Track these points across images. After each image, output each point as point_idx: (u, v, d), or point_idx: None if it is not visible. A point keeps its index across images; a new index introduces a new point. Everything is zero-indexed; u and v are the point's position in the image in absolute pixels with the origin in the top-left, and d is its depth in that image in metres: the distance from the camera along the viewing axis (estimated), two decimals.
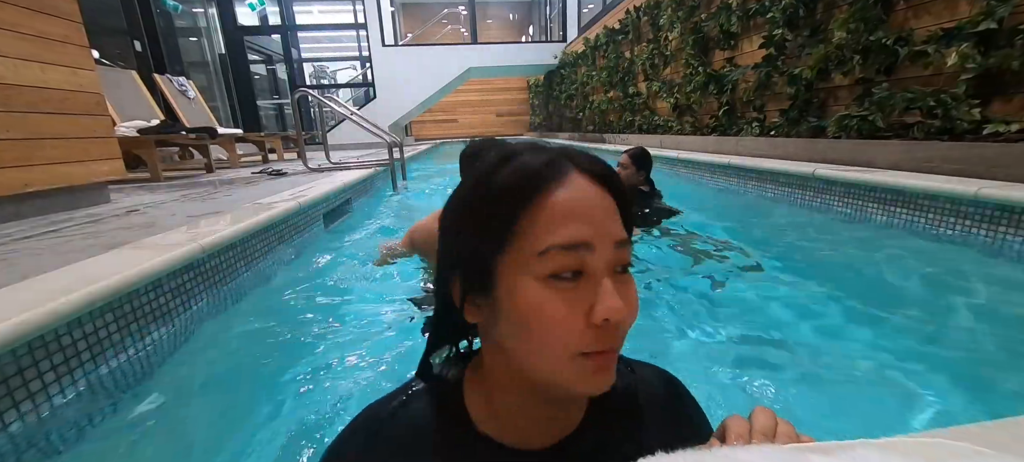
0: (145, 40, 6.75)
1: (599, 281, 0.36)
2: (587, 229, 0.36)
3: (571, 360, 0.36)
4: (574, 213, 0.36)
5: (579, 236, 0.36)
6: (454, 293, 0.42)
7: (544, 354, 0.36)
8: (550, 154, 0.39)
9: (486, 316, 0.40)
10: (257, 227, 1.85)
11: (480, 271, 0.38)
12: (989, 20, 2.14)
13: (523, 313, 0.36)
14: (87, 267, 1.24)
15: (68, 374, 1.02)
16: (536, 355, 0.37)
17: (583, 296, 0.36)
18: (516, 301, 0.36)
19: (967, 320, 1.41)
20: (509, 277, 0.37)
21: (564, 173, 0.37)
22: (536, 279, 0.36)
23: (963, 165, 2.17)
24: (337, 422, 1.02)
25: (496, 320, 0.39)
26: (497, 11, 16.61)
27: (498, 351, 0.41)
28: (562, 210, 0.36)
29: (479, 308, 0.40)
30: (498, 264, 0.37)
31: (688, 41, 4.96)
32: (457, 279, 0.41)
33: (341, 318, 1.55)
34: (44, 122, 2.21)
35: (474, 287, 0.39)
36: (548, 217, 0.36)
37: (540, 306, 0.35)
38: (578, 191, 0.37)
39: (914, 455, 0.34)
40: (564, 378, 0.37)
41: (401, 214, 3.44)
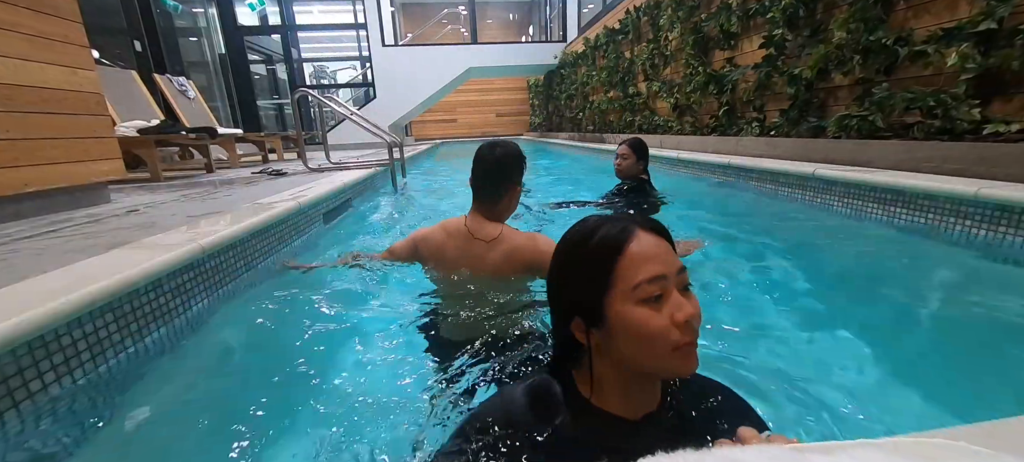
0: (145, 40, 6.76)
1: (676, 298, 0.56)
2: (660, 266, 0.56)
3: (671, 353, 0.55)
4: (648, 257, 0.56)
5: (657, 271, 0.56)
6: (576, 330, 0.62)
7: (654, 352, 0.55)
8: (622, 222, 0.59)
9: (600, 339, 0.60)
10: (257, 227, 1.85)
11: (593, 310, 0.59)
12: (989, 20, 2.14)
13: (635, 329, 0.56)
14: (87, 267, 1.24)
15: (68, 374, 1.02)
16: (647, 354, 0.56)
17: (668, 310, 0.55)
18: (626, 323, 0.56)
19: (967, 320, 1.41)
20: (616, 308, 0.57)
21: (633, 233, 0.58)
22: (635, 304, 0.56)
23: (963, 165, 2.17)
24: (338, 421, 1.02)
25: (612, 338, 0.58)
26: (497, 11, 16.62)
27: (609, 357, 0.61)
28: (640, 258, 0.56)
29: (593, 334, 0.61)
30: (606, 302, 0.58)
31: (688, 41, 4.96)
32: (577, 320, 0.61)
33: (341, 318, 1.55)
34: (44, 122, 2.21)
35: (592, 322, 0.60)
36: (632, 264, 0.56)
37: (645, 322, 0.55)
38: (646, 243, 0.58)
39: (914, 455, 0.34)
40: (668, 365, 0.56)
41: (401, 214, 3.44)
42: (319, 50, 14.45)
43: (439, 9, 15.60)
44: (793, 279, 1.85)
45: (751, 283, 1.84)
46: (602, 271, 0.58)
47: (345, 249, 2.38)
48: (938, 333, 1.36)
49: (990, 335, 1.31)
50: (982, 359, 1.19)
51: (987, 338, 1.30)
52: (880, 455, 0.33)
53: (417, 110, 11.65)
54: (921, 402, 1.04)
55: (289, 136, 6.73)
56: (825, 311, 1.57)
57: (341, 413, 1.05)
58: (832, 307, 1.58)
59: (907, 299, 1.63)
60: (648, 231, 0.58)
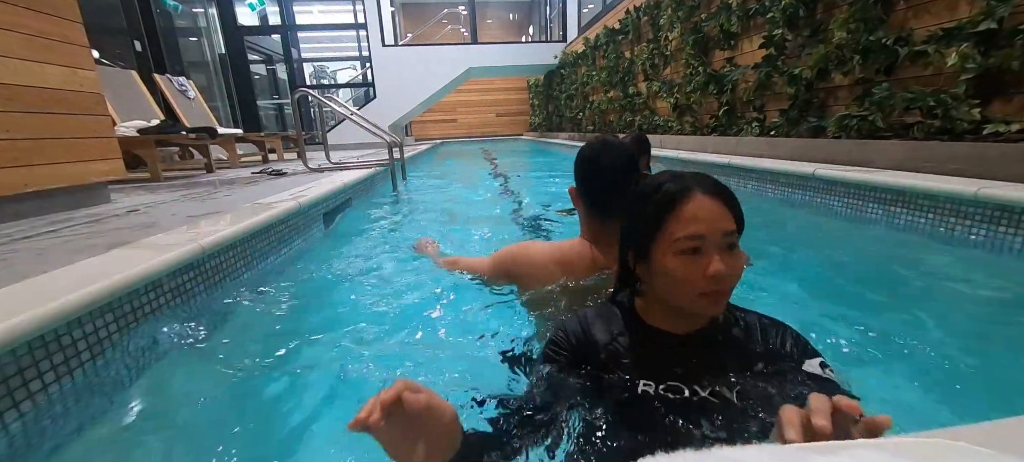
0: (145, 40, 6.75)
1: (711, 255, 0.66)
2: (701, 227, 0.66)
3: (697, 297, 0.67)
4: (693, 217, 0.67)
5: (696, 231, 0.66)
6: (629, 259, 0.78)
7: (682, 293, 0.69)
8: (683, 181, 0.70)
9: (645, 272, 0.75)
10: (257, 227, 1.85)
11: (643, 249, 0.73)
12: (989, 20, 2.14)
13: (668, 273, 0.68)
14: (87, 267, 1.24)
15: (68, 374, 1.02)
16: (676, 294, 0.70)
17: (702, 263, 0.66)
18: (664, 267, 0.69)
19: (967, 320, 1.41)
20: (658, 253, 0.70)
21: (690, 193, 0.68)
22: (673, 254, 0.68)
23: (963, 165, 2.17)
24: (338, 423, 1.02)
25: (652, 275, 0.73)
26: (497, 11, 16.62)
27: (652, 290, 0.76)
28: (687, 216, 0.67)
29: (641, 267, 0.76)
30: (652, 246, 0.71)
31: (688, 41, 4.96)
32: (630, 252, 0.77)
33: (341, 318, 1.55)
34: (44, 122, 2.21)
35: (640, 257, 0.74)
36: (678, 220, 0.67)
37: (677, 269, 0.67)
38: (698, 204, 0.67)
39: (914, 455, 0.34)
40: (694, 305, 0.69)
41: (401, 214, 3.44)
42: (319, 50, 14.45)
43: (439, 9, 15.60)
44: (792, 279, 1.85)
45: (750, 283, 1.84)
46: (654, 220, 0.70)
47: (350, 248, 2.38)
48: (937, 333, 1.36)
49: (990, 335, 1.31)
50: (982, 359, 1.19)
51: (986, 338, 1.30)
52: (880, 455, 0.33)
53: (417, 110, 11.64)
54: (921, 402, 1.04)
55: (289, 136, 6.72)
56: (824, 311, 1.57)
57: (344, 414, 1.05)
58: (831, 307, 1.58)
59: (906, 299, 1.63)
60: (705, 193, 0.68)
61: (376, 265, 2.13)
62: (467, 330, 1.41)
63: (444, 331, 1.41)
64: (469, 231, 2.80)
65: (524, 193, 4.32)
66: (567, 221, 2.91)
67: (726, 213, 0.68)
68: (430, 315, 1.53)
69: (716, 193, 0.69)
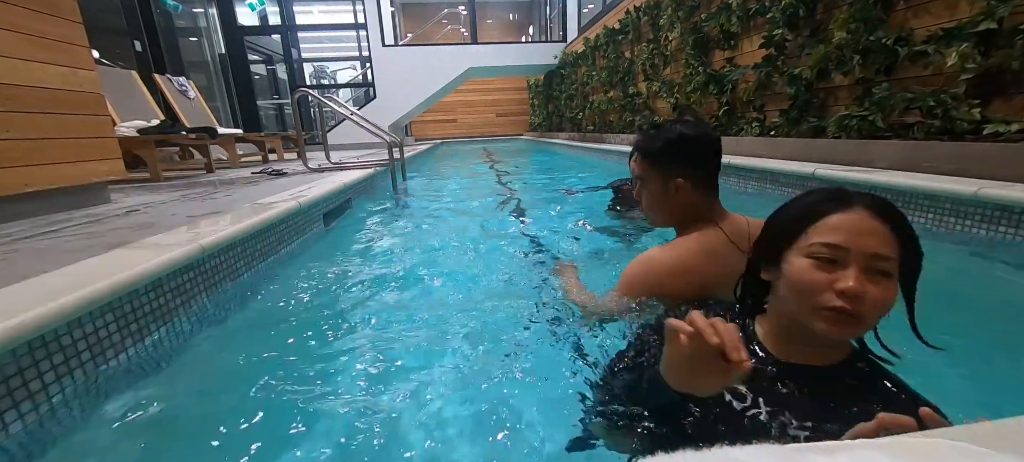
0: (145, 40, 6.76)
1: (848, 271, 0.59)
2: (845, 238, 0.60)
3: (817, 310, 0.60)
4: (840, 228, 0.61)
5: (837, 240, 0.60)
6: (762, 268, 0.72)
7: (801, 302, 0.62)
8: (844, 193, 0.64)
9: (773, 281, 0.69)
10: (257, 227, 1.85)
11: (776, 253, 0.67)
12: (989, 20, 2.14)
13: (792, 275, 0.63)
14: (87, 267, 1.24)
15: (68, 374, 1.02)
16: (795, 302, 0.63)
17: (834, 274, 0.59)
18: (790, 268, 0.64)
19: (966, 320, 1.41)
20: (789, 256, 0.65)
21: (845, 204, 0.62)
22: (803, 256, 0.62)
23: (963, 165, 2.17)
24: (338, 425, 1.02)
25: (779, 284, 0.67)
26: (497, 11, 16.62)
27: (776, 303, 0.70)
28: (832, 226, 0.62)
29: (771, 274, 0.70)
30: (787, 249, 0.65)
31: (688, 41, 4.96)
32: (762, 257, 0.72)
33: (340, 317, 1.55)
34: (44, 122, 2.21)
35: (770, 262, 0.69)
36: (822, 228, 0.62)
37: (802, 271, 0.62)
38: (850, 217, 0.61)
39: (914, 455, 0.34)
40: (812, 321, 0.61)
41: (401, 214, 3.44)
42: (319, 50, 14.45)
43: (439, 9, 15.60)
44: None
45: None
46: (796, 223, 0.65)
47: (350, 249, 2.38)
48: (935, 333, 1.36)
49: (989, 334, 1.31)
50: (981, 358, 1.19)
51: (986, 338, 1.30)
52: (880, 455, 0.33)
53: (417, 110, 11.64)
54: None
55: (289, 136, 6.72)
56: None
57: (344, 417, 1.05)
58: None
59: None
60: (865, 208, 0.62)
61: (376, 265, 2.13)
62: (469, 323, 1.41)
63: (445, 329, 1.41)
64: (470, 231, 2.80)
65: (524, 192, 4.32)
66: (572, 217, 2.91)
67: (887, 237, 0.60)
68: (431, 314, 1.53)
69: (879, 213, 0.61)
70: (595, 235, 2.51)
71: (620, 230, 2.54)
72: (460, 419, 1.03)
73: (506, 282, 1.82)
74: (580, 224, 3.05)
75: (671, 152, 1.06)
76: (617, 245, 2.33)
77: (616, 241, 2.40)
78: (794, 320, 0.65)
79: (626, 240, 2.38)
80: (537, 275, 1.91)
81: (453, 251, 2.30)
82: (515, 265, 2.05)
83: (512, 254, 2.25)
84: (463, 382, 1.16)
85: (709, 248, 1.01)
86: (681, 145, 1.05)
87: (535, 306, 1.56)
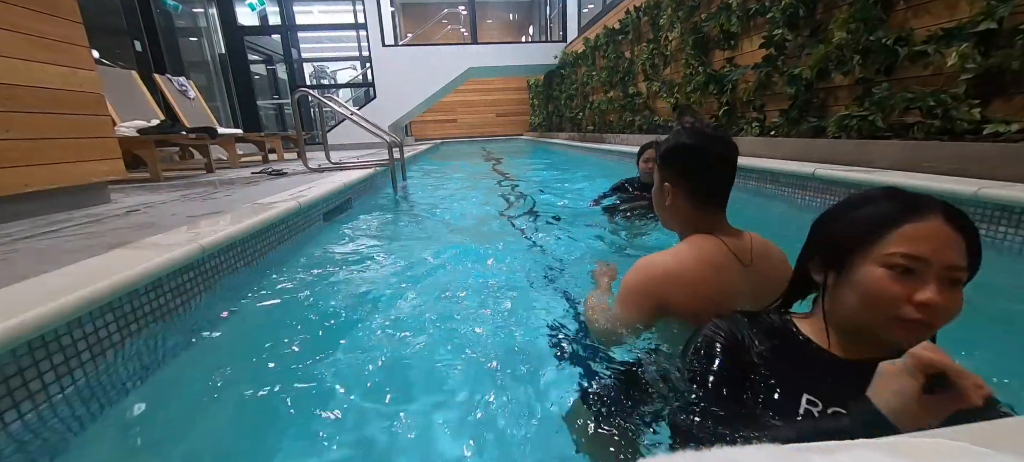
0: (145, 40, 6.76)
1: (927, 282, 0.58)
2: (924, 249, 0.59)
3: (892, 321, 0.60)
4: (919, 238, 0.60)
5: (916, 251, 0.59)
6: (811, 267, 0.72)
7: (875, 313, 0.61)
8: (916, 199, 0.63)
9: (833, 283, 0.67)
10: (257, 227, 1.85)
11: (841, 258, 0.66)
12: (989, 20, 2.14)
13: (865, 285, 0.62)
14: (87, 267, 1.24)
15: (68, 374, 1.02)
16: (868, 313, 0.62)
17: (911, 285, 0.59)
18: (861, 276, 0.62)
19: (965, 319, 1.41)
20: (861, 263, 0.63)
21: (925, 213, 0.61)
22: (877, 265, 0.61)
23: (963, 165, 2.17)
24: (338, 424, 1.02)
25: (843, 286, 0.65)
26: (497, 11, 16.62)
27: (835, 305, 0.67)
28: (912, 235, 0.60)
29: (830, 277, 0.68)
30: (857, 255, 0.63)
31: (688, 41, 4.96)
32: (818, 258, 0.71)
33: (340, 317, 1.55)
34: (44, 122, 2.21)
35: (832, 265, 0.67)
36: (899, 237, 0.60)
37: (877, 282, 0.61)
38: (932, 227, 0.60)
39: (914, 455, 0.34)
40: (886, 332, 0.61)
41: (401, 214, 3.44)
42: (319, 50, 14.45)
43: (439, 9, 15.60)
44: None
45: None
46: (869, 230, 0.63)
47: (350, 249, 2.38)
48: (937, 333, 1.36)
49: (988, 334, 1.31)
50: (981, 358, 1.19)
51: (986, 337, 1.30)
52: (880, 455, 0.33)
53: (417, 110, 11.64)
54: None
55: (289, 136, 6.72)
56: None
57: (344, 420, 1.05)
58: None
59: None
60: (945, 220, 0.60)
61: (376, 265, 2.13)
62: (469, 323, 1.41)
63: (445, 329, 1.41)
64: (470, 231, 2.80)
65: (524, 193, 4.32)
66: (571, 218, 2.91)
67: (962, 248, 0.60)
68: (431, 314, 1.53)
69: (955, 223, 0.61)
70: (595, 235, 2.51)
71: (621, 231, 2.53)
72: (459, 419, 1.03)
73: (506, 282, 1.82)
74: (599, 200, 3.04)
75: (671, 158, 1.04)
76: (618, 246, 2.33)
77: (616, 242, 2.40)
78: (859, 324, 0.64)
79: (624, 243, 2.38)
80: (537, 275, 1.91)
81: (453, 251, 2.30)
82: (515, 265, 2.05)
83: (512, 254, 2.25)
84: (463, 382, 1.16)
85: (709, 258, 0.97)
86: (679, 154, 1.03)
87: (537, 309, 1.56)
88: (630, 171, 3.13)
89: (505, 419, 1.00)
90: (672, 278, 0.96)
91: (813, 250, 0.73)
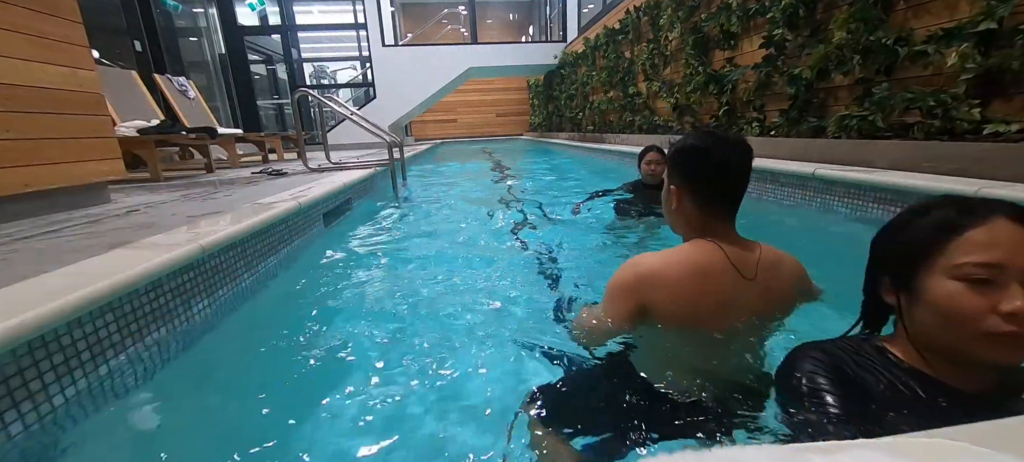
0: (145, 40, 6.75)
1: (1009, 289, 0.53)
2: (998, 254, 0.54)
3: (981, 338, 0.54)
4: (988, 244, 0.55)
5: (990, 258, 0.54)
6: (884, 288, 0.67)
7: (959, 332, 0.56)
8: (977, 204, 0.59)
9: (907, 305, 0.63)
10: (257, 227, 1.85)
11: (907, 276, 0.61)
12: (989, 20, 2.14)
13: (941, 303, 0.57)
14: (87, 267, 1.24)
15: (68, 374, 1.02)
16: (950, 333, 0.57)
17: (994, 297, 0.54)
18: (934, 295, 0.57)
19: None
20: (930, 280, 0.58)
21: (986, 215, 0.56)
22: (950, 279, 0.56)
23: (963, 165, 2.17)
24: (337, 423, 1.02)
25: (916, 307, 0.61)
26: (497, 11, 16.61)
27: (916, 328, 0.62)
28: (978, 241, 0.56)
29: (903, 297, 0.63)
30: (921, 271, 0.59)
31: (688, 41, 4.95)
32: (885, 279, 0.66)
33: (340, 317, 1.55)
34: (44, 122, 2.21)
35: (901, 285, 0.63)
36: (965, 245, 0.56)
37: (954, 298, 0.56)
38: (997, 229, 0.55)
39: (914, 455, 0.34)
40: (975, 350, 0.56)
41: (401, 214, 3.44)
42: (319, 50, 14.44)
43: (439, 9, 15.59)
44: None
45: None
46: (929, 241, 0.59)
47: (350, 249, 2.38)
48: None
49: None
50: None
51: None
52: (880, 455, 0.33)
53: (417, 110, 11.64)
54: None
55: (289, 136, 6.72)
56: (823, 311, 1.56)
57: (343, 419, 1.05)
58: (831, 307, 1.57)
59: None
60: (1011, 220, 0.56)
61: (376, 265, 2.13)
62: (468, 324, 1.41)
63: (445, 330, 1.41)
64: (469, 231, 2.80)
65: (524, 193, 4.32)
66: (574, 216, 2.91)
67: None
68: (430, 314, 1.53)
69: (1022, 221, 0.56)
70: (595, 236, 2.51)
71: (624, 231, 2.53)
72: (458, 420, 1.03)
73: (506, 283, 1.82)
74: (579, 206, 3.04)
75: (677, 159, 1.00)
76: (618, 247, 2.33)
77: (617, 244, 2.39)
78: (947, 345, 0.59)
79: (628, 243, 2.37)
80: (537, 276, 1.91)
81: (453, 251, 2.30)
82: (515, 265, 2.05)
83: (512, 254, 2.25)
84: (462, 383, 1.16)
85: (703, 266, 0.91)
86: (685, 155, 0.99)
87: (538, 309, 1.56)
88: (631, 172, 3.13)
89: (503, 420, 1.00)
90: (656, 278, 0.91)
91: (876, 272, 0.69)
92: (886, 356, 0.66)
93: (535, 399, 0.94)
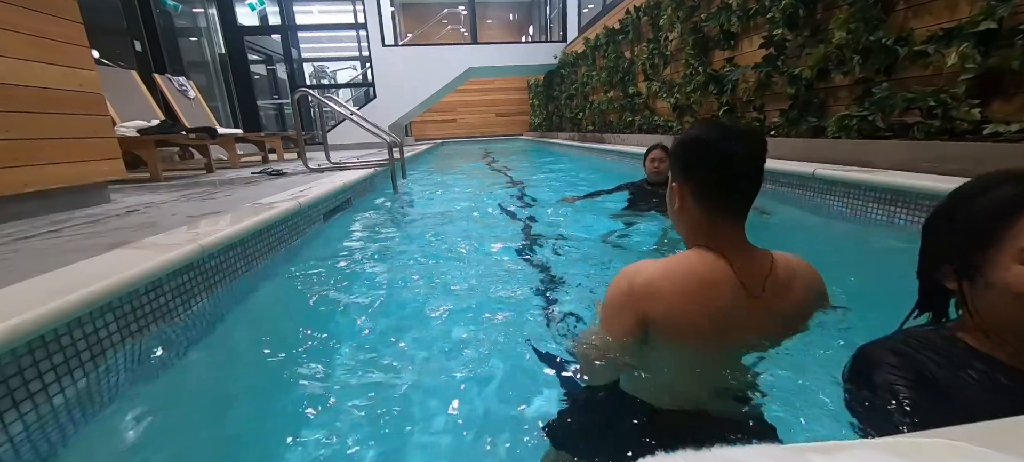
0: (145, 40, 6.76)
1: None
2: None
3: None
4: None
5: None
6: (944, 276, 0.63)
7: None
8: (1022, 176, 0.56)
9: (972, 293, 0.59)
10: (257, 227, 1.85)
11: (970, 264, 0.58)
12: (989, 20, 2.14)
13: (1014, 288, 0.54)
14: (87, 267, 1.24)
15: (68, 374, 1.02)
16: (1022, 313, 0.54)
17: None
18: (1006, 281, 0.54)
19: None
20: (998, 266, 0.55)
21: None
22: (1018, 261, 0.53)
23: (963, 165, 2.17)
24: (336, 423, 1.02)
25: (985, 294, 0.58)
26: (497, 11, 16.61)
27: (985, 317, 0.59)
28: None
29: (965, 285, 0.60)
30: (986, 258, 0.56)
31: (688, 41, 4.96)
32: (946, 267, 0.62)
33: (340, 317, 1.55)
34: (44, 122, 2.21)
35: (964, 274, 0.59)
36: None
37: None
38: None
39: (914, 455, 0.34)
40: None
41: (401, 214, 3.44)
42: (319, 50, 14.44)
43: (439, 9, 15.59)
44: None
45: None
46: (992, 224, 0.56)
47: (350, 249, 2.38)
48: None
49: None
50: None
51: None
52: (880, 455, 0.33)
53: (417, 110, 11.64)
54: None
55: (289, 136, 6.73)
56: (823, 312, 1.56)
57: (342, 420, 1.05)
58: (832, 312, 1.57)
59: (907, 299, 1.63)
60: None
61: (376, 265, 2.13)
62: (467, 324, 1.41)
63: (444, 329, 1.41)
64: (469, 231, 2.80)
65: (524, 193, 4.32)
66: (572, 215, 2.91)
67: None
68: (429, 314, 1.53)
69: None
70: (594, 237, 2.51)
71: (626, 233, 2.53)
72: (457, 420, 1.03)
73: (507, 283, 1.82)
74: (573, 199, 3.03)
75: (678, 151, 0.90)
76: (618, 248, 2.33)
77: (617, 244, 2.39)
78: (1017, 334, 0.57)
79: (629, 245, 2.37)
80: (537, 277, 1.91)
81: (453, 251, 2.30)
82: (515, 266, 2.05)
83: (512, 254, 2.25)
84: (461, 384, 1.16)
85: (705, 276, 0.81)
86: (686, 147, 0.88)
87: (537, 310, 1.55)
88: (631, 172, 3.13)
89: (502, 422, 1.00)
90: (652, 288, 0.81)
91: (935, 258, 0.65)
92: (961, 346, 0.62)
93: (551, 433, 0.90)
